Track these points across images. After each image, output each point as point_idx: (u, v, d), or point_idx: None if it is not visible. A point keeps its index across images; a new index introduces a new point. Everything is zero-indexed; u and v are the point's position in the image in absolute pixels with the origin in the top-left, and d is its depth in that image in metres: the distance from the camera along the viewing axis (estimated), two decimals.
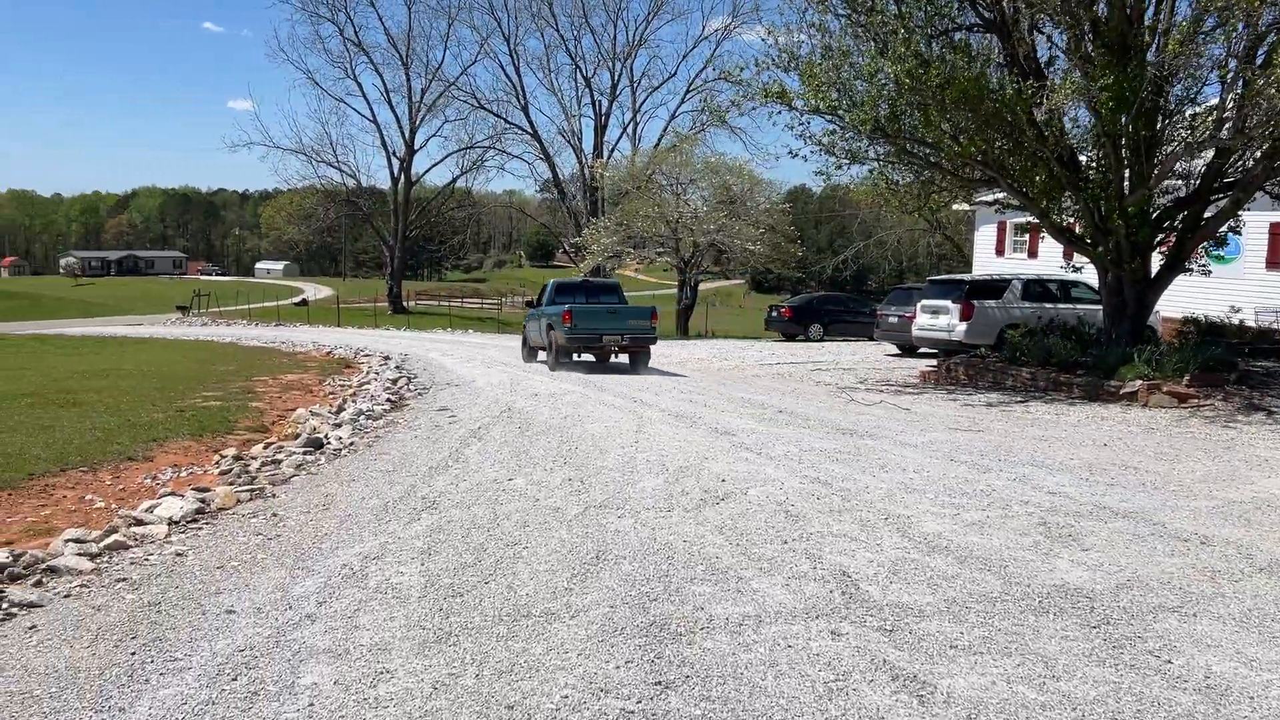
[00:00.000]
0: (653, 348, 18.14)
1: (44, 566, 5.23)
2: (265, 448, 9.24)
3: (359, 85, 53.94)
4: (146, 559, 5.48)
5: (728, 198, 29.72)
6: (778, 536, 5.60)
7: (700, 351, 22.34)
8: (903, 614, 4.35)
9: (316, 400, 13.70)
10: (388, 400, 12.95)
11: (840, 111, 13.17)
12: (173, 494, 6.96)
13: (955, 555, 5.30)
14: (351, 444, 9.35)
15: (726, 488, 6.87)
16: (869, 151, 14.36)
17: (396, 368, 18.30)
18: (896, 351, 22.42)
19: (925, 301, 19.61)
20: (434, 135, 69.20)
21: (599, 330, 17.37)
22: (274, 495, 7.20)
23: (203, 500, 6.84)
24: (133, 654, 3.99)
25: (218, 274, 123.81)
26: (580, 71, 46.59)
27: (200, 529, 6.20)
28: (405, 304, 55.53)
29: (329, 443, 9.29)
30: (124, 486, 7.54)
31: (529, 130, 47.62)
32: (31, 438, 9.01)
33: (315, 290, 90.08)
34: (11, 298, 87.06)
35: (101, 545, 5.69)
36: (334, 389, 15.01)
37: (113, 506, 6.88)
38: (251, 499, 7.09)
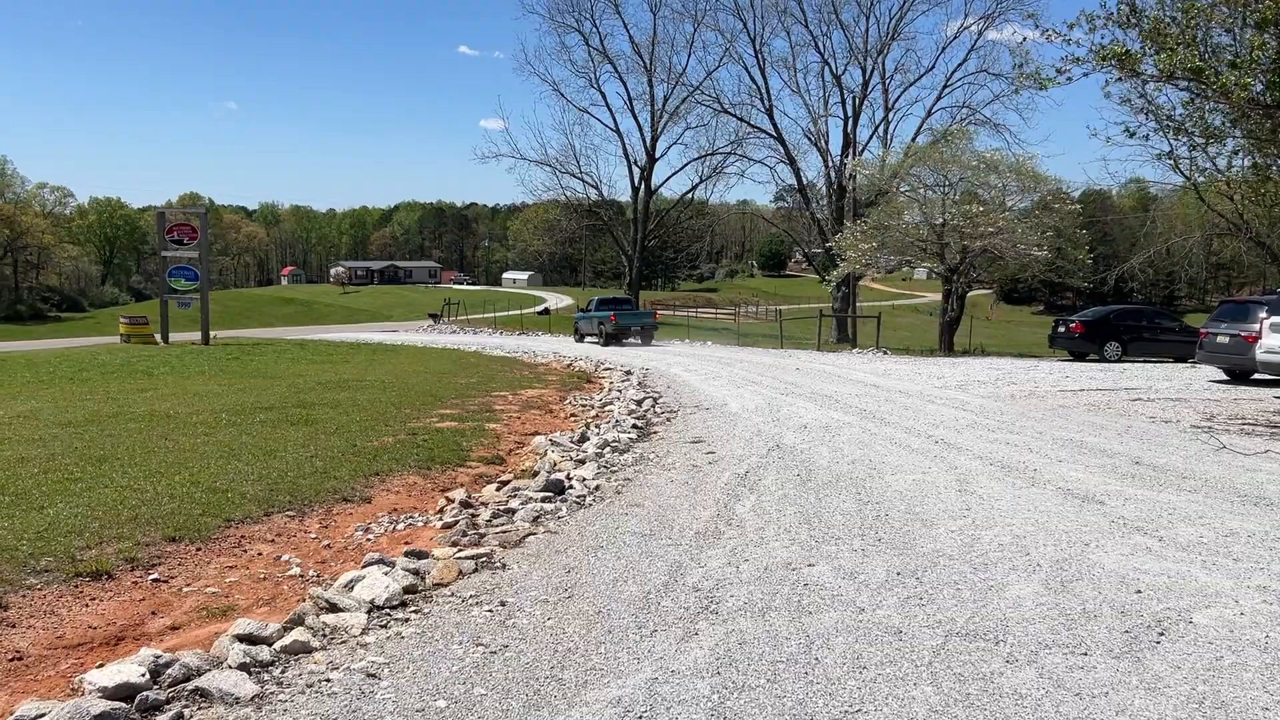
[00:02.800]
0: (654, 333, 33.12)
1: (191, 688, 3.76)
2: (498, 489, 7.76)
3: (602, 94, 53.84)
4: (327, 679, 3.90)
5: (1001, 198, 26.35)
6: None
7: (979, 372, 19.44)
8: None
9: (557, 422, 12.32)
10: (633, 426, 11.33)
11: (1206, 76, 10.24)
12: (381, 560, 5.47)
13: None
14: (597, 487, 7.69)
15: (1151, 607, 4.53)
16: (1235, 129, 11.27)
17: (639, 384, 16.82)
18: (1223, 377, 18.55)
19: (1277, 319, 15.84)
20: (675, 143, 68.18)
21: (629, 324, 31.91)
22: (503, 565, 5.58)
23: (416, 572, 5.30)
24: None
25: (468, 283, 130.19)
26: (830, 69, 43.92)
27: (407, 621, 4.63)
28: None
29: (571, 486, 7.67)
30: (330, 541, 6.18)
31: (773, 133, 45.46)
32: (250, 466, 7.99)
33: (557, 299, 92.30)
34: (289, 303, 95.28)
35: (279, 645, 4.21)
36: (575, 409, 13.63)
37: (310, 574, 5.48)
38: (476, 569, 5.49)
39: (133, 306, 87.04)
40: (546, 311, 71.44)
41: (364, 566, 5.40)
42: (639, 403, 13.63)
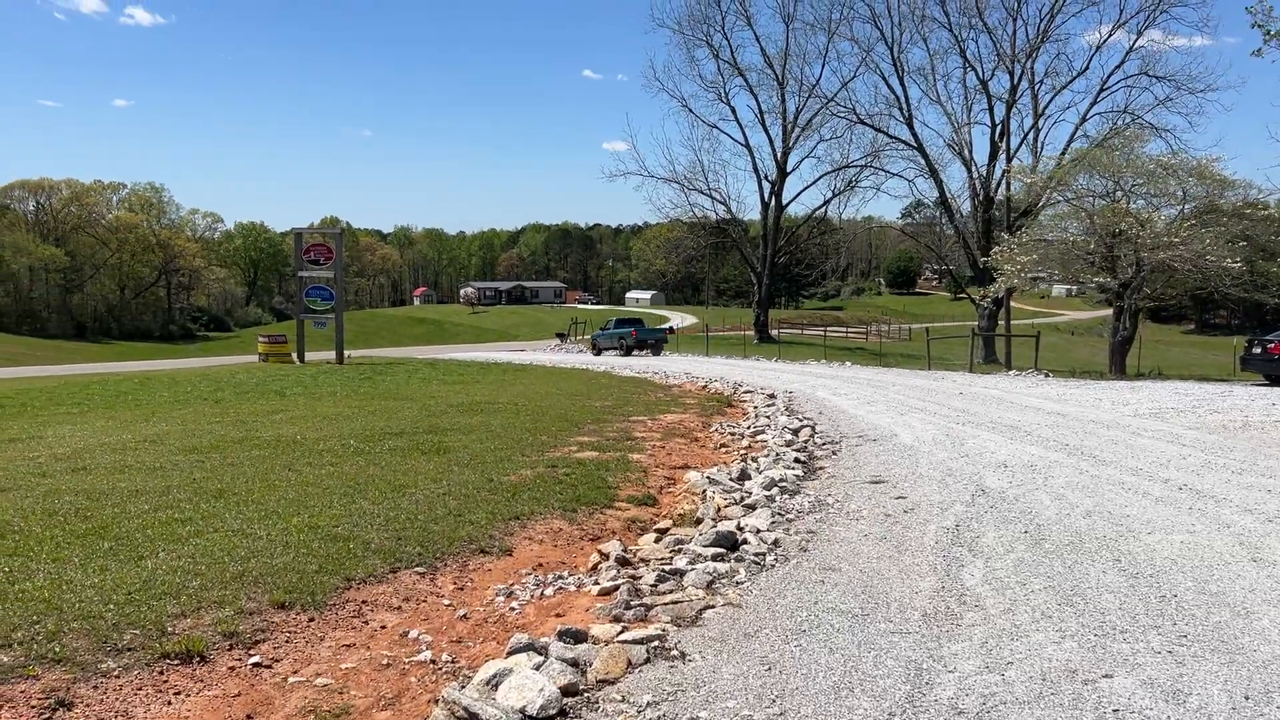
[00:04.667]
0: (665, 346, 40.53)
1: None
2: (658, 540, 6.57)
3: (732, 109, 52.76)
4: None
5: (1182, 205, 23.79)
6: None
7: (1166, 398, 17.25)
8: None
9: (706, 454, 11.10)
10: (796, 461, 9.98)
11: None
12: (530, 647, 4.32)
13: None
14: (775, 542, 6.40)
15: None
16: None
17: (787, 410, 15.43)
18: None
19: None
20: (807, 156, 66.61)
21: (646, 338, 38.75)
22: (682, 654, 4.36)
23: (574, 664, 4.14)
24: None
25: (592, 303, 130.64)
26: (976, 73, 41.54)
27: None
28: (770, 332, 53.40)
29: (745, 540, 6.40)
30: (467, 608, 5.09)
31: (912, 144, 43.27)
32: (376, 506, 7.05)
33: (681, 318, 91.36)
34: (420, 323, 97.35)
35: None
36: (723, 438, 12.38)
37: (443, 659, 4.39)
38: (648, 658, 4.30)
39: (273, 326, 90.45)
40: (671, 330, 70.42)
41: (510, 654, 4.26)
42: (795, 432, 12.27)
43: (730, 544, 6.27)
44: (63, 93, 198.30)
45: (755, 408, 16.34)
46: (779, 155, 50.86)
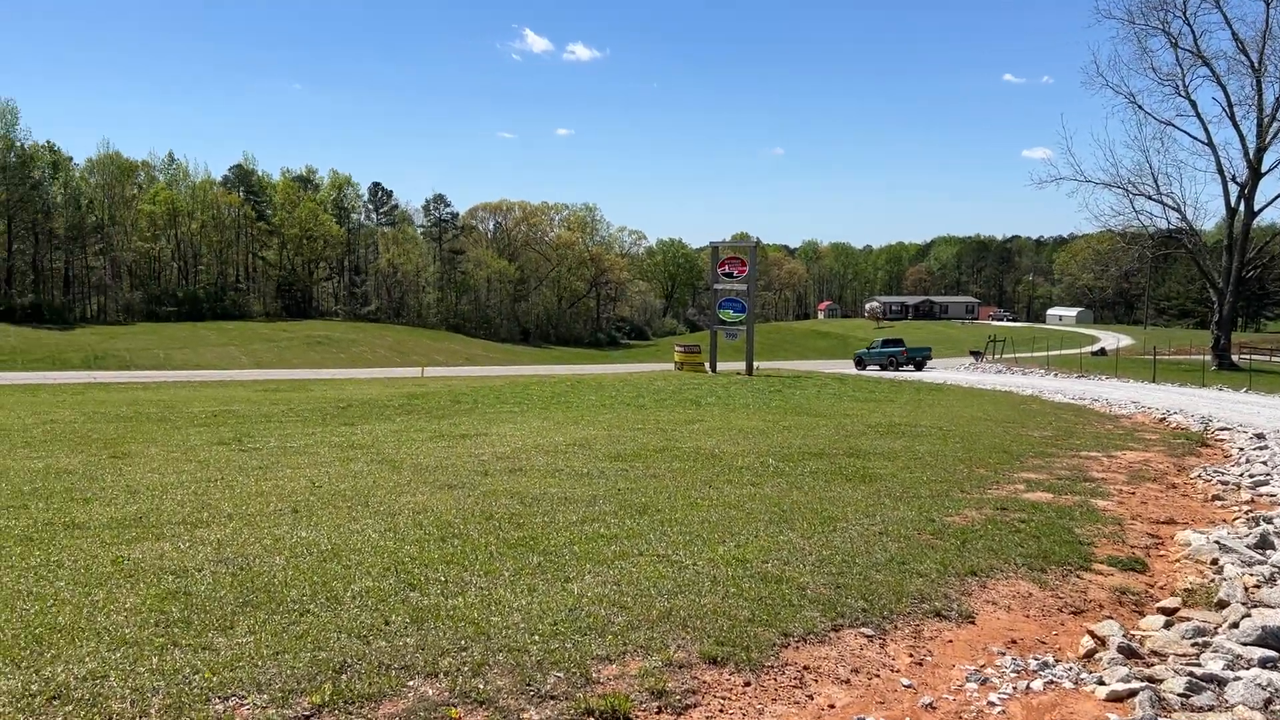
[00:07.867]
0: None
1: None
2: (1168, 625, 5.07)
3: (1192, 103, 45.17)
4: None
5: None
6: None
7: None
8: None
9: (1194, 506, 9.03)
10: None
11: None
12: None
13: None
14: None
15: None
16: None
17: None
18: None
19: None
20: None
21: (914, 356, 45.66)
22: None
23: None
24: None
25: (1008, 320, 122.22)
26: None
27: None
28: (1231, 358, 45.60)
29: None
30: (932, 694, 4.09)
31: None
32: (806, 540, 6.28)
33: (1115, 339, 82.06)
34: (824, 337, 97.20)
35: None
36: (1210, 486, 10.09)
37: None
38: None
39: (686, 336, 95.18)
40: (1103, 352, 63.27)
41: None
42: None
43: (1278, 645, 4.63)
44: (517, 124, 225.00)
45: (1241, 450, 13.44)
46: (1251, 154, 43.31)
